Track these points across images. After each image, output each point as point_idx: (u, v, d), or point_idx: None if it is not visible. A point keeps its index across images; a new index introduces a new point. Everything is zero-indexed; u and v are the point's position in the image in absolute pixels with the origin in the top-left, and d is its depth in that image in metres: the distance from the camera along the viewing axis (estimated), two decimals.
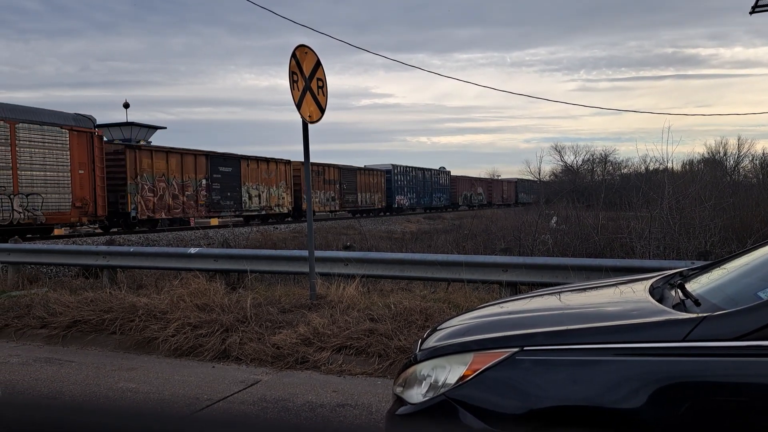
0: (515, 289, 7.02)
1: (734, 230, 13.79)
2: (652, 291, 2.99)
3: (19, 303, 7.79)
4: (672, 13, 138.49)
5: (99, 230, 22.01)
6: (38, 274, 11.64)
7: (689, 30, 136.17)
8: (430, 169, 49.91)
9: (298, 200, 31.68)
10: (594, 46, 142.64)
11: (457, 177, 55.99)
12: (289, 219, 31.48)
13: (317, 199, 32.94)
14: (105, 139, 26.03)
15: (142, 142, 26.85)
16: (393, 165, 43.81)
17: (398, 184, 44.33)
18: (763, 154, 48.86)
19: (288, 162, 31.22)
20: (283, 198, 30.70)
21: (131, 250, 9.71)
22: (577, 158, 70.74)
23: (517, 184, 70.86)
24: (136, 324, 6.61)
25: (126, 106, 29.23)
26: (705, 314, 2.36)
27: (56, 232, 19.91)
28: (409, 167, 46.56)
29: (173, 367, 5.81)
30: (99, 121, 28.21)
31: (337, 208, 36.57)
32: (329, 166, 35.12)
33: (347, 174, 37.71)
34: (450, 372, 2.61)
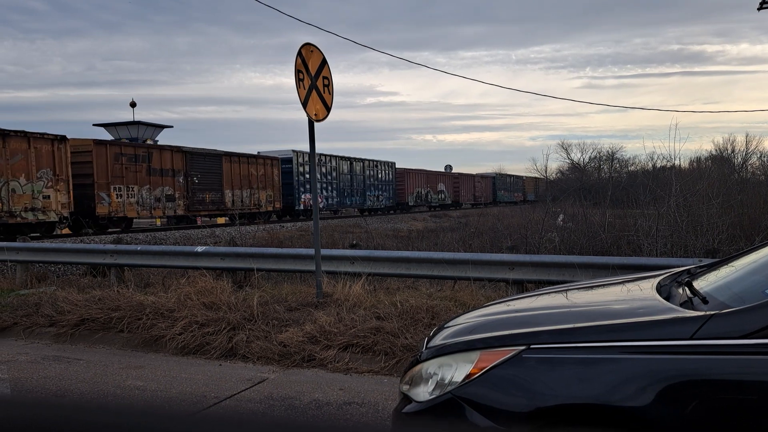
0: (522, 287, 7.01)
1: (742, 228, 13.73)
2: (660, 289, 2.98)
3: (27, 301, 7.83)
4: (677, 10, 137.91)
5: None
6: (46, 272, 11.70)
7: (695, 27, 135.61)
8: (362, 160, 38.20)
9: (88, 201, 20.12)
10: (599, 44, 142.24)
11: (406, 170, 44.25)
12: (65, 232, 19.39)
13: (133, 200, 21.80)
14: (111, 137, 26.12)
15: (148, 141, 26.91)
16: (294, 151, 31.07)
17: (305, 178, 31.77)
18: None
19: (61, 139, 18.72)
20: (47, 198, 18.39)
21: (138, 248, 9.74)
22: (584, 155, 70.46)
23: (495, 179, 60.47)
24: (143, 322, 6.64)
25: (133, 105, 29.36)
26: (713, 312, 2.35)
27: None
28: (325, 155, 34.19)
29: (180, 365, 5.83)
30: (106, 120, 28.33)
31: (180, 212, 23.93)
32: (163, 148, 23.37)
33: (201, 161, 24.92)
34: (456, 370, 2.61)
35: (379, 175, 40.71)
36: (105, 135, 27.54)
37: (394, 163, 43.01)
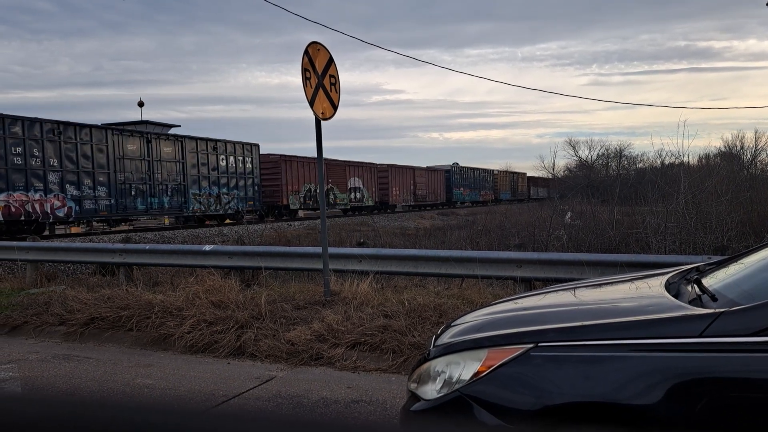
0: (529, 285, 7.00)
1: (751, 225, 13.66)
2: (668, 286, 2.97)
3: (37, 300, 7.89)
4: (684, 5, 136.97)
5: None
6: (56, 271, 11.77)
7: (701, 23, 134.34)
8: (181, 137, 24.25)
9: None
10: (605, 40, 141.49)
11: (285, 158, 29.42)
12: None
13: None
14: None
15: None
16: (4, 116, 17.25)
17: (48, 167, 18.58)
18: None
19: None
20: None
21: (147, 247, 9.79)
22: (591, 153, 70.07)
23: (451, 174, 47.41)
24: (152, 321, 6.67)
25: (141, 104, 29.40)
26: (722, 310, 2.33)
27: None
28: (88, 126, 20.16)
29: (189, 363, 5.86)
30: (114, 120, 28.40)
31: None
32: None
33: None
34: (464, 368, 2.61)
35: (222, 163, 25.89)
36: None
37: (258, 146, 27.67)
